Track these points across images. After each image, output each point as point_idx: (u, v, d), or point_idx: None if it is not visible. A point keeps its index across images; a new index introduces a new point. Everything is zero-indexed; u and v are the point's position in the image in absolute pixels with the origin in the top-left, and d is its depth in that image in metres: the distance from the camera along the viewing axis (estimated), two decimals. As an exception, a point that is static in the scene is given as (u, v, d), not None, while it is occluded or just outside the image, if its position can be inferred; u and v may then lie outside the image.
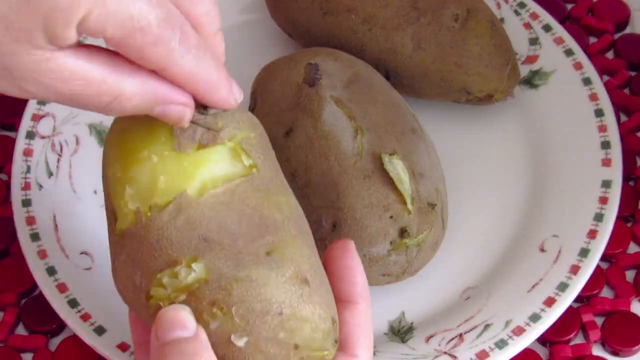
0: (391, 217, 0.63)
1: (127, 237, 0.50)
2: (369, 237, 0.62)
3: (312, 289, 0.49)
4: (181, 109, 0.49)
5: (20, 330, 0.68)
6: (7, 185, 0.73)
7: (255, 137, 0.53)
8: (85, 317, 0.64)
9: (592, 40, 0.81)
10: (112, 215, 0.51)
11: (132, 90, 0.47)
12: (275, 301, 0.48)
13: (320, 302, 0.49)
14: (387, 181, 0.63)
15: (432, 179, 0.65)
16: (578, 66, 0.75)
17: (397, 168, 0.63)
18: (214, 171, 0.51)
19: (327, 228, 0.63)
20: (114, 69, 0.46)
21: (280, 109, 0.66)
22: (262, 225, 0.50)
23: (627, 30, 0.82)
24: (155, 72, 0.47)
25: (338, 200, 0.63)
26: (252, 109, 0.68)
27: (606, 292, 0.68)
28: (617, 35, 0.81)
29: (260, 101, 0.67)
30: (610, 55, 0.80)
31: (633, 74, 0.79)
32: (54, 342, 0.67)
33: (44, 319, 0.67)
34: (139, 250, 0.49)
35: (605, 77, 0.79)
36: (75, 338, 0.65)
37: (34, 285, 0.67)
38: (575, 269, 0.65)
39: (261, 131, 0.54)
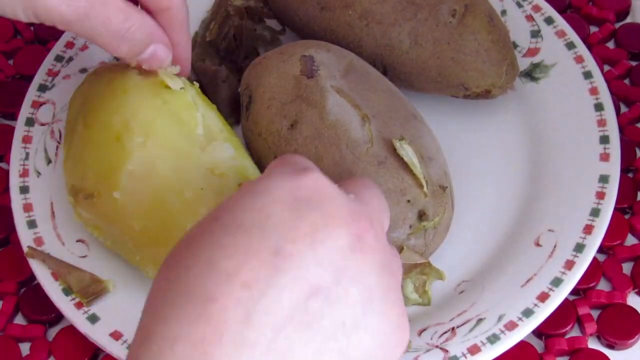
0: (408, 201, 0.63)
1: None
2: (389, 222, 0.62)
3: None
4: (167, 51, 0.58)
5: (19, 319, 0.68)
6: (8, 175, 0.72)
7: None
8: (79, 305, 0.64)
9: (593, 29, 0.81)
10: None
11: (138, 23, 0.56)
12: None
13: None
14: (401, 166, 0.63)
15: (440, 162, 0.66)
16: (579, 59, 0.74)
17: (409, 153, 0.63)
18: None
19: None
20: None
21: (280, 102, 0.66)
22: None
23: (628, 20, 0.81)
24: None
25: None
26: (248, 103, 0.68)
27: (603, 285, 0.68)
28: (618, 25, 0.81)
29: (257, 95, 0.67)
30: (611, 45, 0.80)
31: (634, 64, 0.78)
32: (52, 332, 0.67)
33: (42, 309, 0.67)
34: None
35: (606, 68, 0.78)
36: (72, 328, 0.65)
37: (34, 275, 0.67)
38: (570, 265, 0.65)
39: None
